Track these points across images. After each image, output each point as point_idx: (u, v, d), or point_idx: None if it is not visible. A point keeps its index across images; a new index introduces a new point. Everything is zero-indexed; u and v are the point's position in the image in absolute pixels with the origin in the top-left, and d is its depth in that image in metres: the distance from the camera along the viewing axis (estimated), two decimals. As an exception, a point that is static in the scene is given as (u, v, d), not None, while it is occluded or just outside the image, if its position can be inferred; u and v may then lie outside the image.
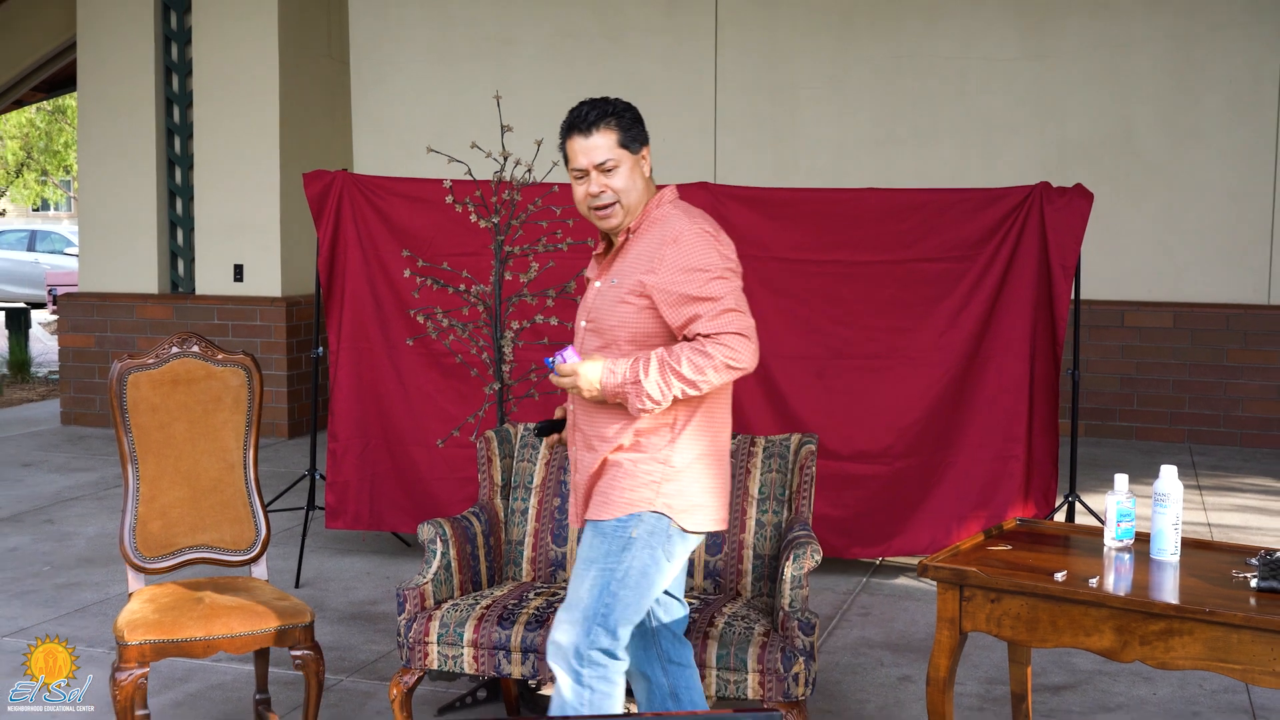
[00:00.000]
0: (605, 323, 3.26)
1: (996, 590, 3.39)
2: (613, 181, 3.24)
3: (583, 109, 3.28)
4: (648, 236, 3.26)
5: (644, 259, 3.23)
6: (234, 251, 9.80)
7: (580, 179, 3.26)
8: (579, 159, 3.25)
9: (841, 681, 4.78)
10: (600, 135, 3.24)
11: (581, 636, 3.25)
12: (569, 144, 3.28)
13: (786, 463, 4.20)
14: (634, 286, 3.21)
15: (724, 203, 6.02)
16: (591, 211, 3.27)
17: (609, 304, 3.26)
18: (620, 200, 3.25)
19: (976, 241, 5.89)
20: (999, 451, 5.91)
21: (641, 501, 3.23)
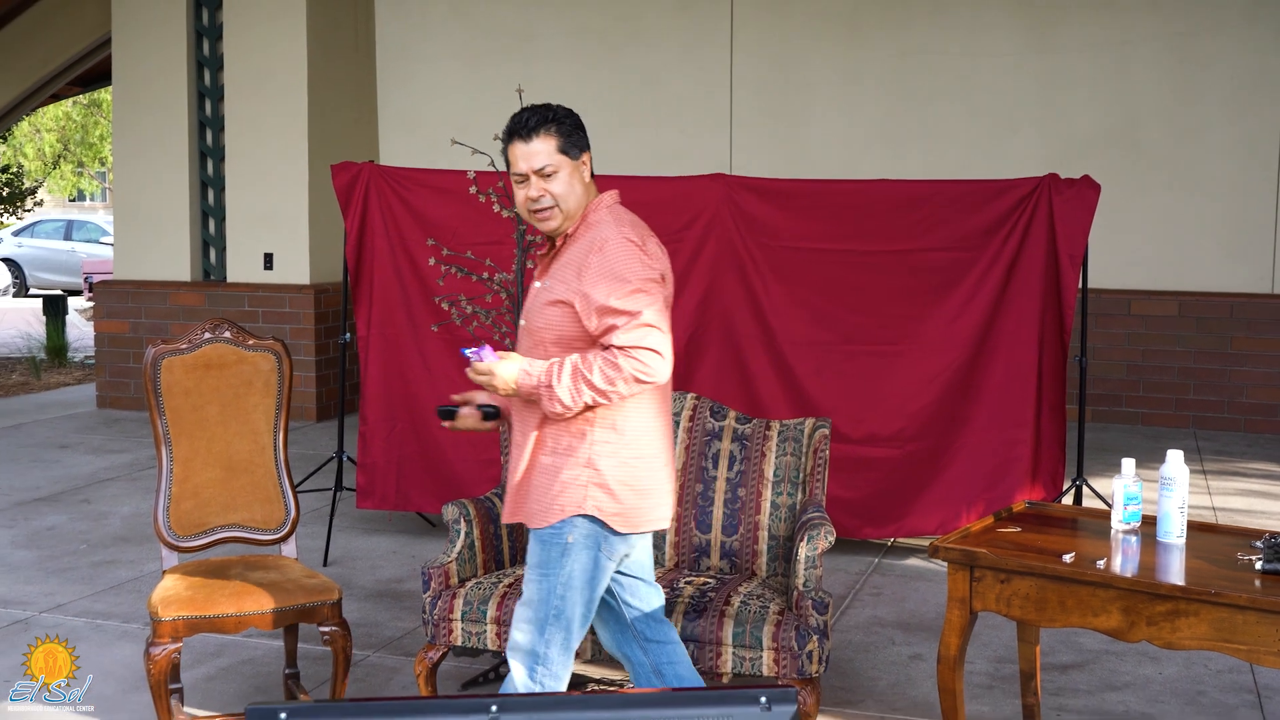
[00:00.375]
0: (534, 323, 3.27)
1: (1006, 571, 3.38)
2: (551, 186, 3.23)
3: (524, 115, 3.26)
4: (580, 241, 3.26)
5: (572, 265, 3.23)
6: (264, 241, 9.82)
7: (521, 183, 3.25)
8: (519, 164, 3.24)
9: (854, 659, 4.77)
10: (540, 141, 3.22)
11: (537, 638, 3.26)
12: (510, 149, 3.26)
13: (801, 446, 4.19)
14: (562, 292, 3.21)
15: (738, 193, 6.01)
16: (531, 215, 3.27)
17: (540, 305, 3.26)
18: (559, 204, 3.24)
19: (985, 231, 5.87)
20: (1007, 436, 5.89)
21: (571, 506, 3.21)
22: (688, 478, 4.22)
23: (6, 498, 7.22)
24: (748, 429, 4.27)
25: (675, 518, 4.18)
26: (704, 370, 6.05)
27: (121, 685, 4.47)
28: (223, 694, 4.41)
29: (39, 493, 7.35)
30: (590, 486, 3.20)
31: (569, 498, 3.20)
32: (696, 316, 6.05)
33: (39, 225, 23.98)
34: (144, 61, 10.01)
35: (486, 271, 4.92)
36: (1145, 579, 3.24)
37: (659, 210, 6.04)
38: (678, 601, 3.77)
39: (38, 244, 23.50)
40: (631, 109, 10.06)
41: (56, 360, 12.88)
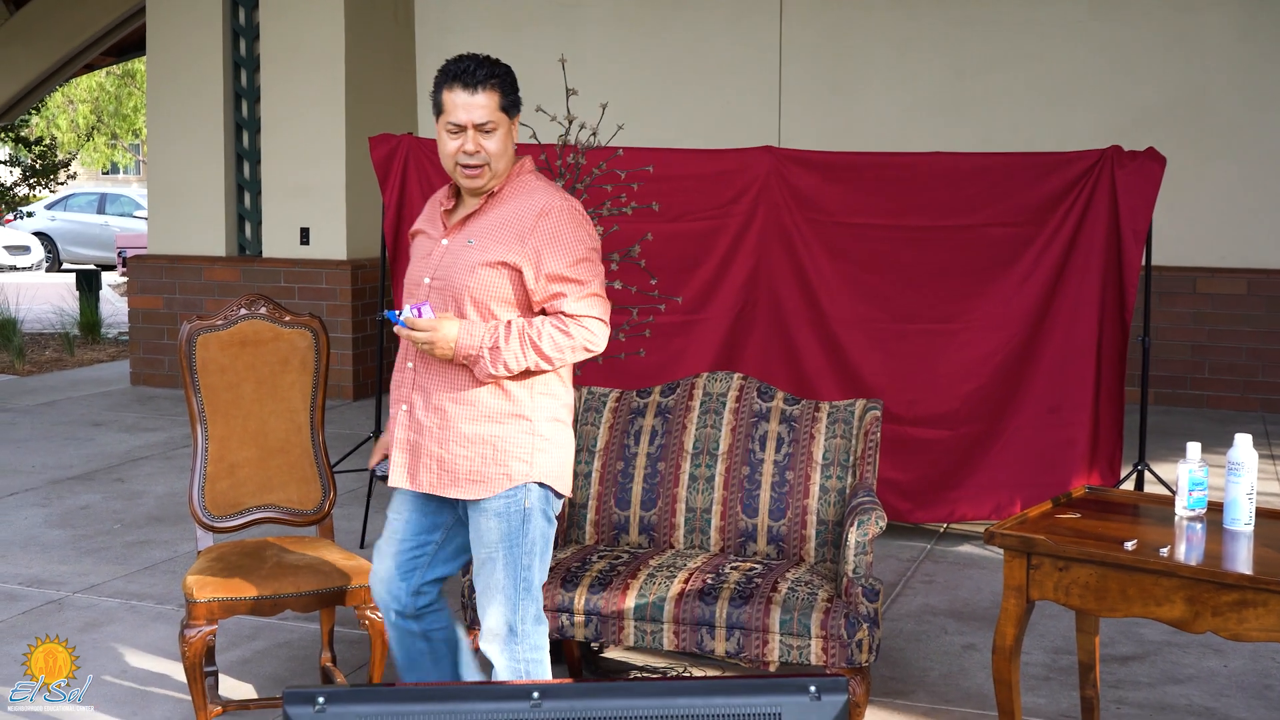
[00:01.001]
0: (459, 283, 3.21)
1: (1065, 558, 3.35)
2: (488, 144, 3.20)
3: (468, 64, 3.21)
4: (512, 203, 3.25)
5: (510, 227, 3.21)
6: (300, 215, 9.87)
7: (455, 134, 3.20)
8: (458, 114, 3.19)
9: (905, 649, 4.76)
10: (485, 95, 3.19)
11: (511, 614, 3.28)
12: (449, 95, 3.20)
13: (851, 428, 4.17)
14: (501, 253, 3.19)
15: (787, 167, 5.99)
16: (459, 168, 3.22)
17: (466, 265, 3.21)
18: (491, 163, 3.21)
19: (1045, 206, 5.82)
20: (1064, 419, 5.86)
21: (519, 475, 3.22)
22: (734, 460, 4.21)
23: (40, 476, 7.31)
24: (796, 410, 4.26)
25: (722, 501, 4.19)
26: (751, 349, 6.04)
27: (155, 668, 4.52)
28: (258, 677, 4.46)
29: (72, 471, 7.44)
30: (536, 451, 3.24)
31: (519, 464, 3.22)
32: (743, 294, 6.04)
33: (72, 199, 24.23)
34: (178, 30, 10.06)
35: (527, 247, 4.93)
36: (1211, 567, 3.21)
37: (704, 184, 6.05)
38: (722, 587, 3.77)
39: (71, 218, 23.75)
40: (676, 78, 10.02)
41: (90, 336, 13.02)
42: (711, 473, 4.22)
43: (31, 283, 18.62)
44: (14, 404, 9.58)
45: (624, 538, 4.26)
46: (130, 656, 4.62)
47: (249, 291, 4.33)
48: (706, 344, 6.03)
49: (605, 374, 5.36)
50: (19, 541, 6.04)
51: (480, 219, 3.26)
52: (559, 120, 4.83)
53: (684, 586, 3.79)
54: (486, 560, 3.28)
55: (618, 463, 4.30)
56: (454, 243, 3.27)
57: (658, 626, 3.76)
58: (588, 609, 3.80)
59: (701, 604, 3.73)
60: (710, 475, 4.22)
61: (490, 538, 3.26)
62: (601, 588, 3.82)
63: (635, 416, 4.36)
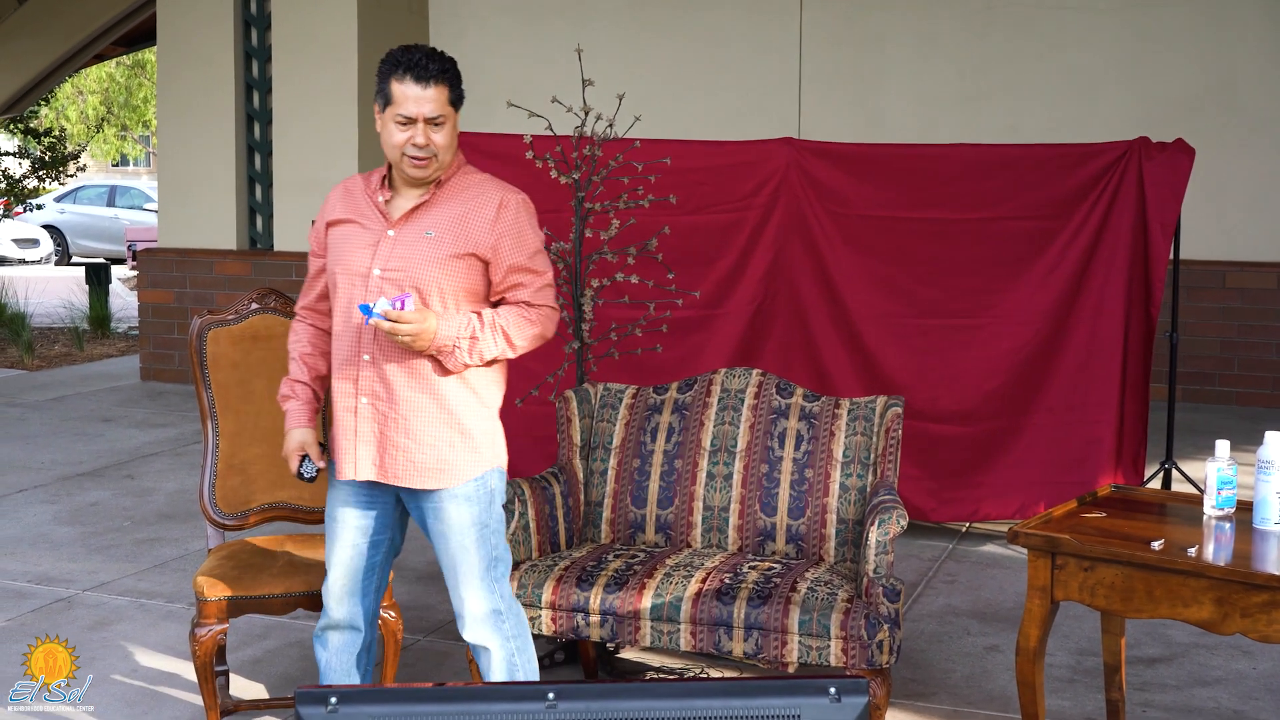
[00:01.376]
0: (425, 275, 3.26)
1: (1090, 558, 3.34)
2: (437, 137, 3.28)
3: (419, 57, 3.27)
4: (464, 195, 3.34)
5: (471, 219, 3.30)
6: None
7: (404, 125, 3.27)
8: (409, 106, 3.25)
9: (927, 650, 4.75)
10: (436, 89, 3.27)
11: (491, 595, 3.39)
12: (399, 86, 3.26)
13: (871, 426, 4.17)
14: (468, 245, 3.28)
15: (807, 159, 5.98)
16: (405, 159, 3.28)
17: (431, 258, 3.27)
18: (438, 155, 3.29)
19: (1070, 199, 5.81)
20: (1089, 417, 5.86)
21: (484, 462, 3.36)
22: (753, 458, 4.21)
23: (49, 472, 7.35)
24: (816, 407, 4.26)
25: (740, 499, 4.18)
26: (770, 344, 6.03)
27: (166, 668, 4.54)
28: (270, 677, 4.47)
29: (81, 467, 7.47)
30: (496, 436, 3.41)
31: (486, 450, 3.37)
32: (762, 288, 6.03)
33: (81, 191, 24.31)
34: (189, 20, 10.09)
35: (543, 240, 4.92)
36: (1240, 568, 3.20)
37: (722, 176, 6.05)
38: (741, 587, 3.77)
39: (80, 210, 23.83)
40: (694, 68, 10.01)
41: (99, 331, 13.07)
42: (729, 470, 4.22)
43: (40, 276, 18.70)
44: (23, 399, 9.62)
45: (640, 536, 4.26)
46: (140, 655, 4.64)
47: (260, 285, 4.34)
48: (725, 339, 6.03)
49: (621, 370, 5.36)
50: (28, 538, 6.07)
51: (432, 210, 3.33)
52: (575, 111, 4.82)
53: (701, 586, 3.79)
54: (459, 548, 3.36)
55: (634, 460, 4.30)
56: (405, 234, 3.31)
57: (675, 627, 3.76)
58: (603, 609, 3.81)
59: (719, 604, 3.73)
60: (728, 473, 4.22)
61: (463, 522, 3.35)
62: (617, 587, 3.82)
63: (652, 413, 4.36)
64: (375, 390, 3.32)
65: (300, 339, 3.53)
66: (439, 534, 3.38)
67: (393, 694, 1.76)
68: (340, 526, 3.44)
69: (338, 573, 3.47)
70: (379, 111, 3.32)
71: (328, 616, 3.51)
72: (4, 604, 5.15)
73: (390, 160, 3.34)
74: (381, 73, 3.29)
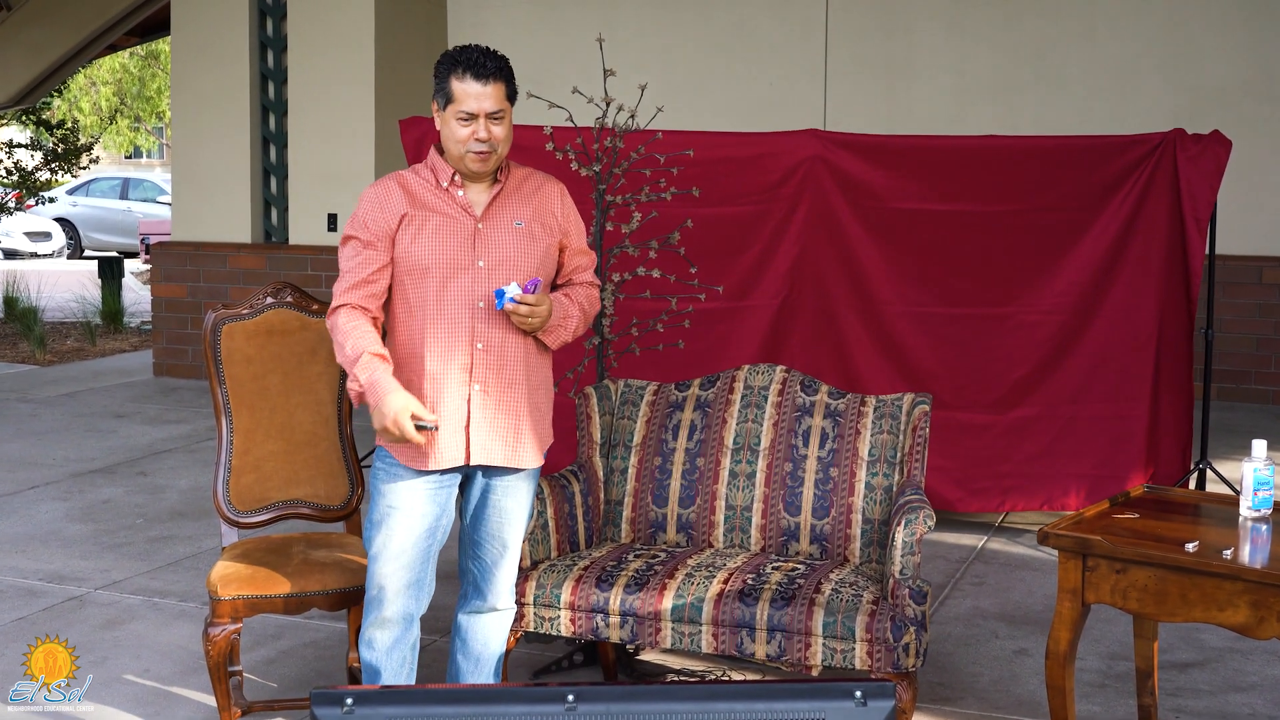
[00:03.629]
0: (529, 264, 3.49)
1: (1122, 560, 3.33)
2: (497, 130, 3.46)
3: (477, 55, 3.45)
4: (528, 185, 3.59)
5: (546, 208, 3.57)
6: (328, 200, 9.91)
7: (466, 121, 3.44)
8: (470, 103, 3.42)
9: (954, 654, 4.74)
10: (495, 85, 3.44)
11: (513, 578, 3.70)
12: (459, 84, 3.43)
13: (898, 423, 4.16)
14: (554, 233, 3.57)
15: (834, 151, 5.98)
16: (469, 154, 3.45)
17: (531, 248, 3.51)
18: (498, 149, 3.48)
19: (1103, 191, 5.81)
20: (1120, 411, 5.88)
21: (549, 438, 3.66)
22: (776, 456, 4.21)
23: (61, 469, 7.39)
24: (841, 404, 4.25)
25: (763, 499, 4.18)
26: (795, 340, 6.04)
27: (178, 667, 4.56)
28: (284, 678, 4.49)
29: (94, 464, 7.51)
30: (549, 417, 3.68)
31: (548, 426, 3.66)
32: (787, 282, 6.04)
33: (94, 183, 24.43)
34: (204, 9, 10.13)
35: (563, 233, 4.93)
36: (1277, 570, 3.18)
37: (747, 168, 6.05)
38: (764, 588, 3.77)
39: (92, 203, 23.95)
40: (718, 59, 10.00)
41: (112, 325, 13.13)
42: (752, 469, 4.22)
43: (53, 270, 18.79)
44: (35, 394, 9.68)
45: (661, 536, 4.26)
46: (152, 655, 4.67)
47: (275, 279, 4.35)
48: (748, 334, 6.03)
49: (642, 366, 5.36)
50: (40, 536, 6.10)
51: (509, 201, 3.55)
52: (596, 102, 4.83)
53: (723, 587, 3.79)
54: (518, 523, 3.62)
55: (655, 458, 4.30)
56: (494, 225, 3.50)
57: (696, 628, 3.76)
58: (623, 609, 3.81)
59: (742, 605, 3.73)
60: (751, 472, 4.21)
61: (528, 500, 3.63)
62: (638, 588, 3.82)
63: (673, 410, 4.36)
64: (487, 378, 3.48)
65: (360, 323, 3.48)
66: (507, 510, 3.59)
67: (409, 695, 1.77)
68: (406, 516, 3.49)
69: (399, 564, 3.50)
70: (438, 110, 3.48)
71: (381, 612, 3.53)
72: (15, 602, 5.18)
73: (451, 155, 3.49)
74: (440, 73, 3.46)
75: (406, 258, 3.47)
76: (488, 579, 3.65)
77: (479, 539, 3.61)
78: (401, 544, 3.49)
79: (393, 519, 3.48)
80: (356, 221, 3.51)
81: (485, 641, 3.69)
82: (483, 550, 3.62)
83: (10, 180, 15.25)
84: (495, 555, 3.62)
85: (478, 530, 3.61)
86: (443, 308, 3.45)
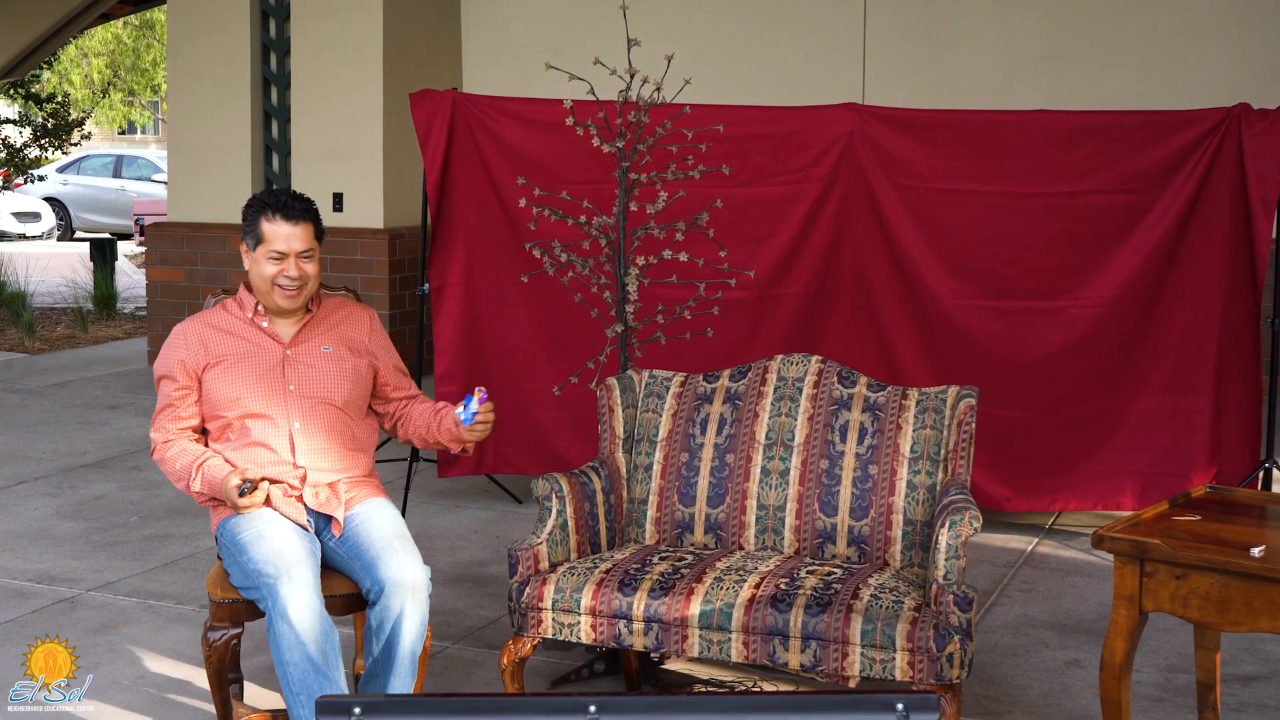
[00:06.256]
0: (340, 390, 3.97)
1: (1183, 565, 3.32)
2: (308, 267, 3.94)
3: (284, 198, 3.92)
4: (339, 314, 4.08)
5: (356, 334, 4.06)
6: (333, 179, 9.93)
7: (277, 260, 3.89)
8: (280, 243, 3.88)
9: (1000, 664, 4.73)
10: (303, 226, 3.92)
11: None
12: (270, 225, 3.88)
13: (942, 418, 4.15)
14: (359, 353, 4.03)
15: (872, 126, 5.97)
16: (276, 289, 3.90)
17: (338, 370, 3.98)
18: (308, 284, 3.94)
19: (1162, 171, 5.79)
20: (1181, 405, 5.88)
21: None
22: (811, 453, 4.20)
23: (51, 463, 7.43)
24: (881, 397, 4.24)
25: (797, 498, 4.18)
26: (831, 330, 6.03)
27: (176, 673, 4.58)
28: (286, 685, 4.50)
29: (86, 458, 7.55)
30: None
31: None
32: (822, 267, 6.03)
33: (86, 161, 24.55)
34: (201, -24, 10.15)
35: (584, 214, 4.92)
36: (1348, 578, 3.17)
37: (779, 145, 6.05)
38: (798, 594, 3.77)
39: (84, 181, 24.07)
40: (749, 28, 9.98)
41: (105, 311, 13.20)
42: (786, 466, 4.21)
43: (42, 252, 18.90)
44: (23, 384, 9.74)
45: (688, 537, 4.26)
46: (148, 660, 4.69)
47: (278, 263, 4.35)
48: (781, 323, 6.03)
49: (669, 356, 5.36)
50: (29, 534, 6.14)
51: (317, 329, 4.02)
52: (619, 74, 4.82)
53: (755, 592, 3.79)
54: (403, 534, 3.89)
55: (682, 454, 4.30)
56: (303, 352, 3.97)
57: (725, 636, 3.76)
58: (648, 615, 3.81)
59: (774, 612, 3.72)
60: (784, 469, 4.21)
61: (394, 514, 4.00)
62: (663, 592, 3.83)
63: (702, 403, 4.36)
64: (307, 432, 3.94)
65: (190, 447, 3.91)
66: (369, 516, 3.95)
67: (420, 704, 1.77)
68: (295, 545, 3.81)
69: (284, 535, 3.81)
70: (247, 250, 3.93)
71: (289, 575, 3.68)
72: (4, 604, 5.22)
73: (260, 292, 3.95)
74: (249, 215, 3.93)
75: (218, 397, 3.90)
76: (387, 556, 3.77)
77: (360, 545, 3.83)
78: (279, 529, 3.77)
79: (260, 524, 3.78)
80: (157, 370, 3.97)
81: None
82: (366, 550, 3.81)
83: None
84: (383, 541, 3.81)
85: (357, 543, 3.84)
86: (253, 424, 3.89)
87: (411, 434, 4.15)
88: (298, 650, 3.58)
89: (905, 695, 1.77)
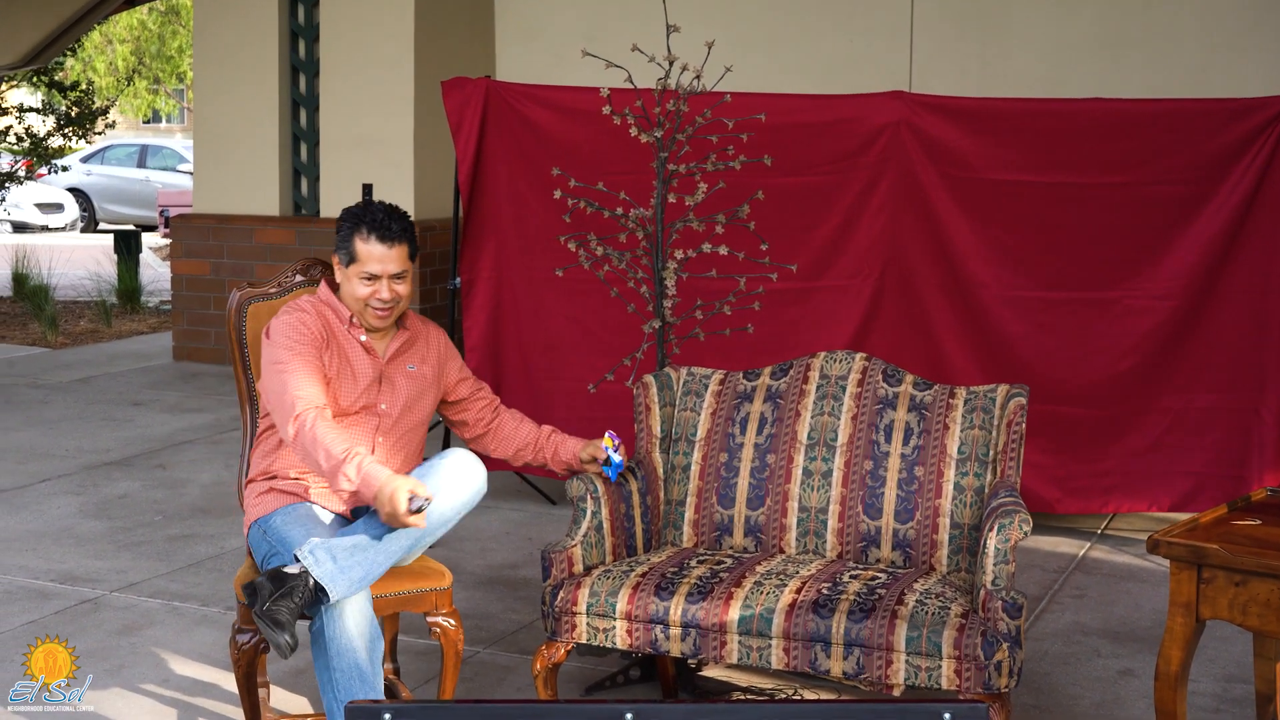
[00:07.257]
0: (423, 409, 4.07)
1: (1242, 572, 3.30)
2: (400, 288, 3.92)
3: (381, 217, 3.87)
4: (420, 328, 4.11)
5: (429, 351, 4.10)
6: (362, 169, 9.95)
7: (369, 281, 3.87)
8: (373, 265, 3.86)
9: (1051, 673, 4.72)
10: (399, 248, 3.89)
11: None
12: (364, 246, 3.86)
13: (991, 418, 4.14)
14: (440, 374, 4.12)
15: (919, 114, 5.96)
16: (369, 309, 3.90)
17: (421, 390, 4.05)
18: (399, 304, 3.95)
19: (1221, 161, 5.76)
20: (1238, 403, 5.86)
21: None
22: (855, 453, 4.20)
23: (74, 460, 7.49)
24: (928, 396, 4.23)
25: (840, 500, 4.17)
26: (877, 325, 6.02)
27: (202, 677, 4.61)
28: (314, 689, 4.52)
29: (109, 456, 7.60)
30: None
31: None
32: (868, 260, 6.03)
33: (110, 150, 24.70)
34: (228, -39, 10.21)
35: (621, 206, 4.92)
36: None
37: (823, 134, 6.04)
38: (840, 599, 3.76)
39: (108, 172, 24.22)
40: (792, 13, 9.96)
41: (129, 305, 13.28)
42: (829, 467, 4.21)
43: (65, 244, 19.03)
44: (46, 380, 9.81)
45: (727, 540, 4.26)
46: (174, 663, 4.72)
47: (305, 255, 4.39)
48: (824, 318, 6.02)
49: (708, 353, 5.35)
50: (52, 533, 6.19)
51: (410, 346, 4.04)
52: (658, 61, 4.82)
53: (796, 597, 3.79)
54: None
55: (721, 454, 4.30)
56: (394, 370, 4.00)
57: (765, 642, 3.76)
58: (685, 621, 3.81)
59: (816, 617, 3.72)
60: (827, 470, 4.21)
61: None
62: (701, 597, 3.83)
63: (742, 401, 4.36)
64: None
65: (341, 432, 3.82)
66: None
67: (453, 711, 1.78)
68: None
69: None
70: (339, 264, 3.91)
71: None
72: (26, 604, 5.26)
73: (352, 309, 3.94)
74: (344, 230, 3.90)
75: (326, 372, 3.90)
76: None
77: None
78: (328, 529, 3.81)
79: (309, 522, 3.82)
80: (289, 336, 3.85)
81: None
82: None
83: (20, 147, 15.42)
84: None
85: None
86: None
87: (508, 453, 4.25)
88: (348, 656, 3.59)
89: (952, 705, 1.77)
